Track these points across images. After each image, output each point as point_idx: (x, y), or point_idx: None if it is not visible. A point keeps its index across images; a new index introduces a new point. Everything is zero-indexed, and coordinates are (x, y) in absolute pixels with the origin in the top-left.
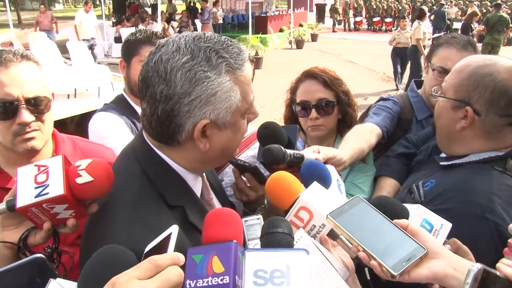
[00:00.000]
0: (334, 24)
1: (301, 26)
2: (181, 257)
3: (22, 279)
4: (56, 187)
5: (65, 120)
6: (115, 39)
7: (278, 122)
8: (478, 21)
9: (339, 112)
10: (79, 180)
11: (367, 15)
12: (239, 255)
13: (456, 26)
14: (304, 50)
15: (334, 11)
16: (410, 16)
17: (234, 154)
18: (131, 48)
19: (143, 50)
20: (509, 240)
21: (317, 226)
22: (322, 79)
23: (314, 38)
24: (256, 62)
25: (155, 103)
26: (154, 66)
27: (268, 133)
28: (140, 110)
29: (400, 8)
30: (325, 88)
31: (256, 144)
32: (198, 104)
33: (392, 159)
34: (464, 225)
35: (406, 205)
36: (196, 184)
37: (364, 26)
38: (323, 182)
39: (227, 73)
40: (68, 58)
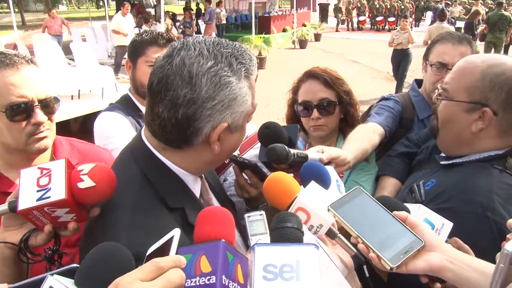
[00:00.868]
0: (338, 24)
1: (304, 26)
2: (182, 259)
3: None
4: (58, 191)
5: (68, 121)
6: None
7: (282, 122)
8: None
9: (341, 112)
10: (81, 185)
11: (370, 15)
12: (228, 254)
13: (459, 25)
14: (308, 50)
15: (338, 10)
16: (414, 15)
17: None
18: (137, 48)
19: (149, 51)
20: (507, 236)
21: (314, 226)
22: (323, 79)
23: (317, 38)
24: (259, 62)
25: (176, 107)
26: (175, 69)
27: (269, 133)
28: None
29: (402, 7)
30: (326, 88)
31: (258, 144)
32: (220, 108)
33: (393, 158)
34: (465, 224)
35: (407, 204)
36: (195, 185)
37: (367, 26)
38: (322, 183)
39: (245, 78)
40: (72, 59)
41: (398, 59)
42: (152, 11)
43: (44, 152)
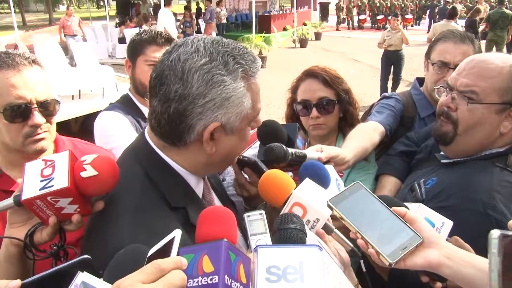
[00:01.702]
0: (338, 23)
1: (304, 25)
2: (184, 261)
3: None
4: (61, 180)
5: (69, 121)
6: (119, 39)
7: (282, 121)
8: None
9: (340, 111)
10: (83, 174)
11: (370, 13)
12: (230, 254)
13: (460, 23)
14: (308, 49)
15: (339, 9)
16: (415, 14)
17: (234, 161)
18: (136, 48)
19: (148, 50)
20: None
21: (311, 221)
22: (322, 78)
23: (317, 36)
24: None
25: (168, 102)
26: (170, 64)
27: (268, 131)
28: (145, 110)
29: (403, 6)
30: (325, 87)
31: (257, 143)
32: (211, 106)
33: (393, 157)
34: (466, 222)
35: (407, 204)
36: (198, 185)
37: (367, 24)
38: (322, 182)
39: (242, 79)
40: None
41: (390, 61)
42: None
43: (42, 153)
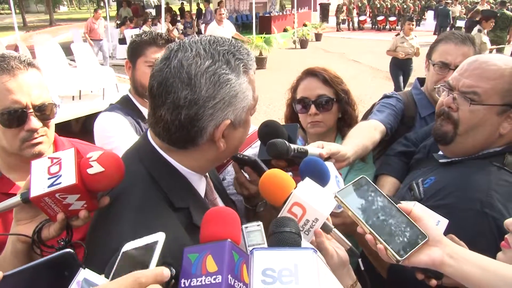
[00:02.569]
0: (338, 24)
1: (305, 25)
2: (165, 272)
3: (52, 272)
4: (69, 177)
5: (70, 122)
6: (119, 40)
7: (282, 121)
8: None
9: (339, 111)
10: (90, 171)
11: (371, 14)
12: (234, 254)
13: (460, 24)
14: (308, 50)
15: (339, 11)
16: (417, 15)
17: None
18: (136, 49)
19: (148, 51)
20: (506, 236)
21: (310, 220)
22: (322, 76)
23: (318, 37)
24: (260, 62)
25: (178, 109)
26: (173, 71)
27: (269, 131)
28: (145, 111)
29: (405, 7)
30: (324, 85)
31: (257, 143)
32: (221, 106)
33: (391, 157)
34: (463, 220)
35: (403, 202)
36: (200, 185)
37: (368, 25)
38: (322, 178)
39: (244, 73)
40: (73, 60)
41: (400, 70)
42: (152, 11)
43: (40, 157)
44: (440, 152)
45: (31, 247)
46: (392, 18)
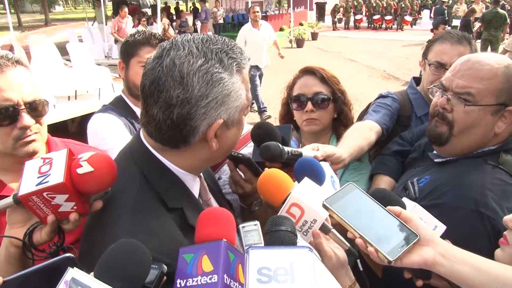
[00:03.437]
0: (335, 23)
1: (301, 25)
2: None
3: (52, 277)
4: (57, 176)
5: (66, 122)
6: (115, 40)
7: (275, 121)
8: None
9: (335, 110)
10: (80, 170)
11: (367, 13)
12: (229, 254)
13: (455, 23)
14: (305, 49)
15: (335, 11)
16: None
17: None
18: (129, 49)
19: (142, 51)
20: (504, 233)
21: (308, 221)
22: (320, 74)
23: (314, 36)
24: None
25: (170, 108)
26: (165, 70)
27: (262, 133)
28: (138, 111)
29: (403, 6)
30: (322, 83)
31: (252, 143)
32: (214, 105)
33: (387, 157)
34: (458, 219)
35: (404, 199)
36: (194, 185)
37: (364, 24)
38: (316, 178)
39: (237, 73)
40: (69, 60)
41: None
42: (148, 11)
43: (33, 156)
44: (435, 151)
45: (22, 251)
46: (388, 17)
